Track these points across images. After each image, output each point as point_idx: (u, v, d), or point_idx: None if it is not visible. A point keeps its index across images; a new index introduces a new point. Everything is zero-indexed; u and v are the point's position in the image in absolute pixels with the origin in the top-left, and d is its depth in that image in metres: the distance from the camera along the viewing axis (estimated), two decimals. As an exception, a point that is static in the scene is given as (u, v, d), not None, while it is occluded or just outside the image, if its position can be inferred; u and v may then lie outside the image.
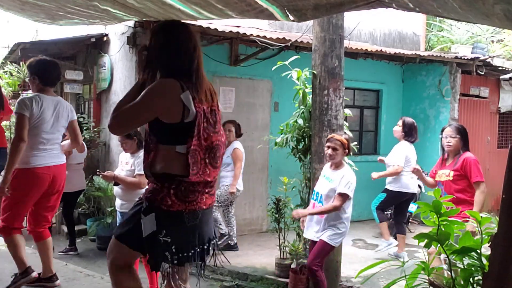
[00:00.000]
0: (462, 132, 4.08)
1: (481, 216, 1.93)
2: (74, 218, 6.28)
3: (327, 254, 4.08)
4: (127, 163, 4.16)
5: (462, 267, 1.89)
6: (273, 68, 5.25)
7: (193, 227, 2.19)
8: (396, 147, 5.90)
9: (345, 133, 4.63)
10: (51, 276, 3.63)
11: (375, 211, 5.90)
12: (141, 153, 4.17)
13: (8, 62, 7.47)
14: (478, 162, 3.98)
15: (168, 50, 2.26)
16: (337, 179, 3.98)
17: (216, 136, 2.26)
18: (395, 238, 5.97)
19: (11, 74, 7.19)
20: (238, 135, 5.96)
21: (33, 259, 3.81)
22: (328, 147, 4.00)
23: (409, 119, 5.91)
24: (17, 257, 3.55)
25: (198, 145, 2.17)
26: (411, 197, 5.94)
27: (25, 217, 3.77)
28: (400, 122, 5.87)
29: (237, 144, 5.86)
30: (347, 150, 4.05)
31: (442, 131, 4.19)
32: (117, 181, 4.07)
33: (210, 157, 2.22)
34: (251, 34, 6.04)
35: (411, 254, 5.89)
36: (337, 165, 4.06)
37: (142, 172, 3.84)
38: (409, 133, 5.82)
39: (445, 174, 4.02)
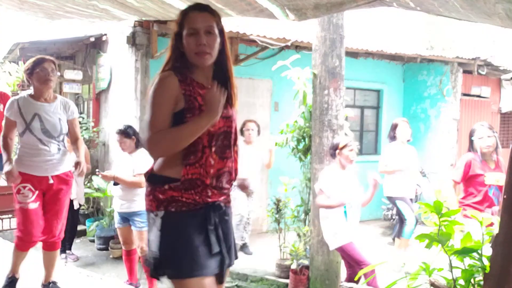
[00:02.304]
0: (495, 131, 3.99)
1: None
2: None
3: None
4: (125, 163, 4.15)
5: (463, 267, 1.88)
6: (273, 68, 5.24)
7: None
8: (414, 151, 5.71)
9: (345, 134, 4.62)
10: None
11: None
12: (140, 152, 4.17)
13: (7, 62, 7.48)
14: None
15: None
16: (353, 177, 4.03)
17: (224, 122, 1.95)
18: (394, 240, 5.95)
19: (10, 73, 7.19)
20: None
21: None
22: (351, 150, 4.00)
23: None
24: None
25: None
26: None
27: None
28: (407, 124, 5.63)
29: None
30: None
31: (471, 133, 4.04)
32: (117, 181, 4.06)
33: (217, 145, 1.92)
34: (251, 34, 6.03)
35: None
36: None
37: (142, 171, 3.83)
38: None
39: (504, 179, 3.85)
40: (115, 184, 4.09)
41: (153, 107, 1.85)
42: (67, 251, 5.57)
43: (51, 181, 3.29)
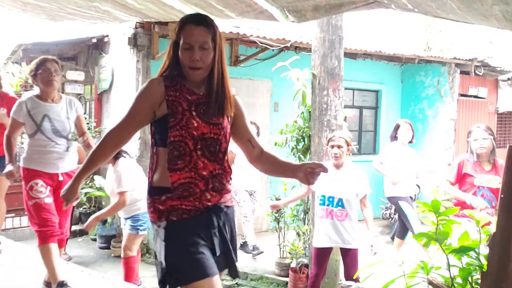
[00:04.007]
0: (493, 133, 3.95)
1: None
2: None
3: None
4: (109, 177, 4.02)
5: (461, 266, 1.91)
6: (273, 69, 5.27)
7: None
8: (414, 154, 5.67)
9: (339, 126, 4.63)
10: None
11: None
12: (119, 167, 3.89)
13: (10, 63, 7.52)
14: None
15: None
16: (348, 178, 3.77)
17: (210, 128, 1.94)
18: (392, 239, 5.97)
19: (13, 74, 7.23)
20: None
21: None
22: (333, 146, 3.73)
23: None
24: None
25: (183, 135, 1.88)
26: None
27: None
28: (408, 126, 5.57)
29: None
30: (350, 147, 3.82)
31: (468, 134, 4.03)
32: (102, 218, 3.96)
33: (203, 148, 1.91)
34: (251, 35, 6.06)
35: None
36: (341, 164, 3.79)
37: (123, 189, 3.75)
38: None
39: (498, 181, 3.75)
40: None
41: (130, 110, 1.95)
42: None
43: (61, 178, 3.33)
